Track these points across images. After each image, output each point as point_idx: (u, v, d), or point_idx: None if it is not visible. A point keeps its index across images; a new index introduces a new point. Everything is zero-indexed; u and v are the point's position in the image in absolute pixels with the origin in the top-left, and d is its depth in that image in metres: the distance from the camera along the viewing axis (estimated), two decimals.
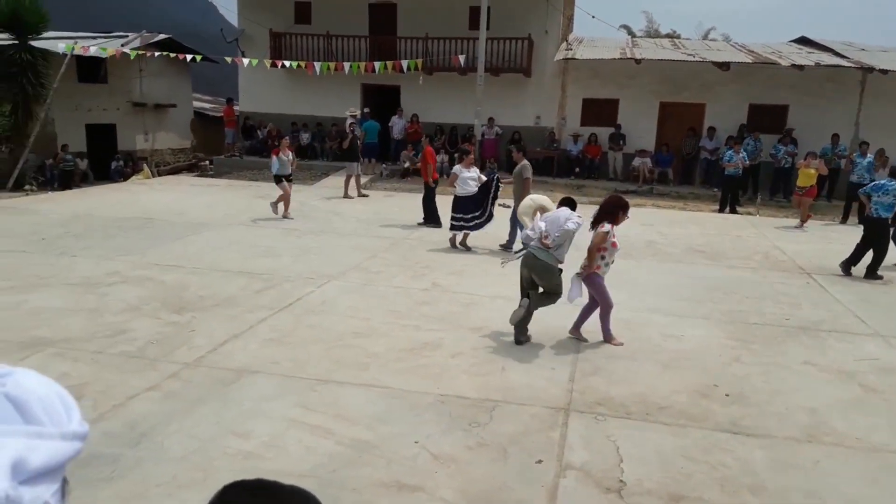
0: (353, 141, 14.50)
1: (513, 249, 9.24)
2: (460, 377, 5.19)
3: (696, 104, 18.28)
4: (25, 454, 0.68)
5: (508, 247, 9.76)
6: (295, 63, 17.88)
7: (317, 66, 17.22)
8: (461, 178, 9.80)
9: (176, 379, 4.97)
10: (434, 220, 11.45)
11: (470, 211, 9.71)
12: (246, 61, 17.94)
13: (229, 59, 18.45)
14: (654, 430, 4.42)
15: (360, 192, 14.87)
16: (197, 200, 13.88)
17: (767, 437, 4.39)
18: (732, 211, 14.78)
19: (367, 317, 6.55)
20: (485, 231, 9.85)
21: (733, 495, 3.70)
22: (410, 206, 12.79)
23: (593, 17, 41.24)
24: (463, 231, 9.81)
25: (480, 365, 5.45)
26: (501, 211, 10.19)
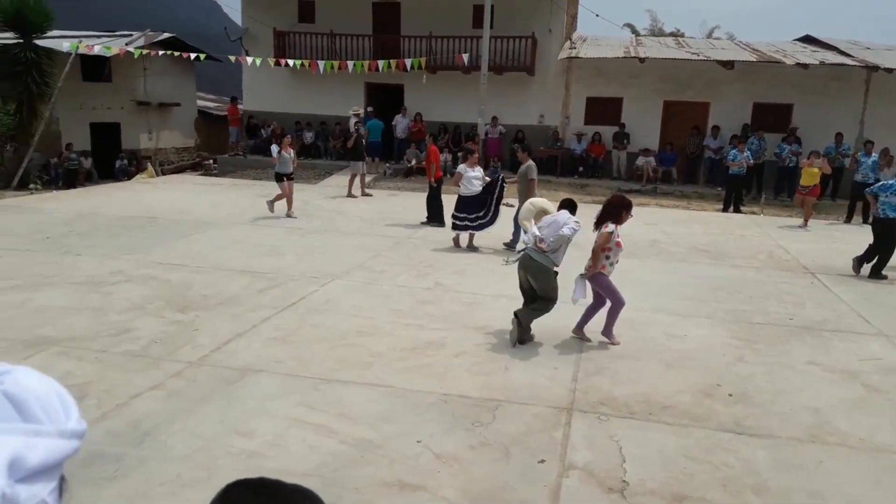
0: (357, 140, 14.48)
1: (516, 248, 9.23)
2: (463, 376, 5.19)
3: (700, 103, 18.24)
4: (23, 452, 0.69)
5: (512, 245, 9.75)
6: (298, 62, 17.90)
7: (320, 64, 17.24)
8: (466, 178, 9.77)
9: (179, 378, 4.98)
10: (438, 220, 11.45)
11: (473, 211, 9.69)
12: (250, 60, 17.97)
13: (233, 58, 18.45)
14: (657, 430, 4.41)
15: (363, 192, 14.87)
16: (201, 199, 13.90)
17: (770, 437, 4.39)
18: (736, 210, 14.75)
19: (371, 316, 6.55)
20: (488, 231, 9.85)
21: (736, 495, 3.69)
22: (414, 205, 12.80)
23: (597, 15, 41.08)
24: (468, 231, 9.81)
25: (483, 364, 5.46)
26: (505, 210, 10.19)
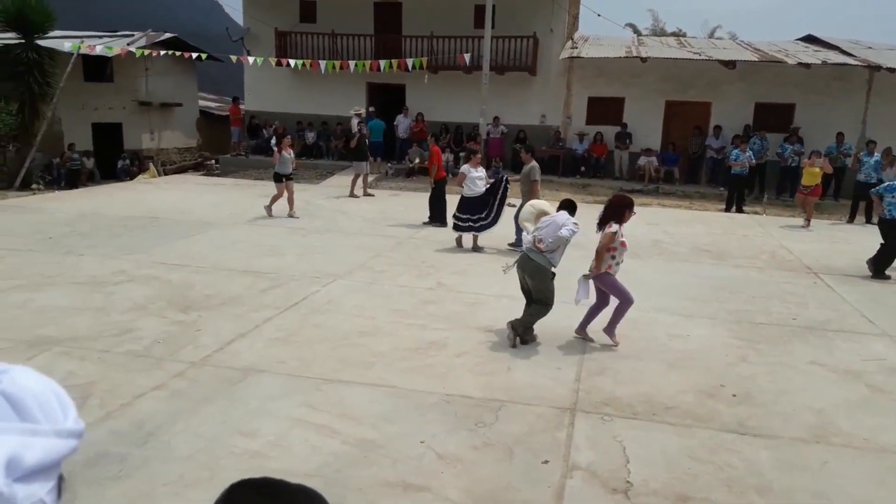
0: (361, 140, 14.47)
1: (523, 247, 9.22)
2: (465, 377, 5.19)
3: (702, 103, 18.22)
4: (20, 451, 0.68)
5: (518, 245, 9.74)
6: (300, 62, 17.90)
7: (322, 64, 17.25)
8: (469, 178, 9.75)
9: (182, 378, 4.98)
10: (440, 220, 11.43)
11: (476, 212, 9.68)
12: (251, 60, 17.99)
13: (235, 58, 18.47)
14: (660, 431, 4.41)
15: (365, 192, 14.87)
16: (202, 199, 13.91)
17: (774, 437, 4.38)
18: (739, 210, 14.73)
19: (373, 316, 6.55)
20: (490, 231, 9.83)
21: (740, 496, 3.69)
22: (416, 205, 12.79)
23: (599, 15, 41.17)
24: (470, 232, 9.79)
25: (486, 364, 5.45)
26: (507, 210, 10.18)
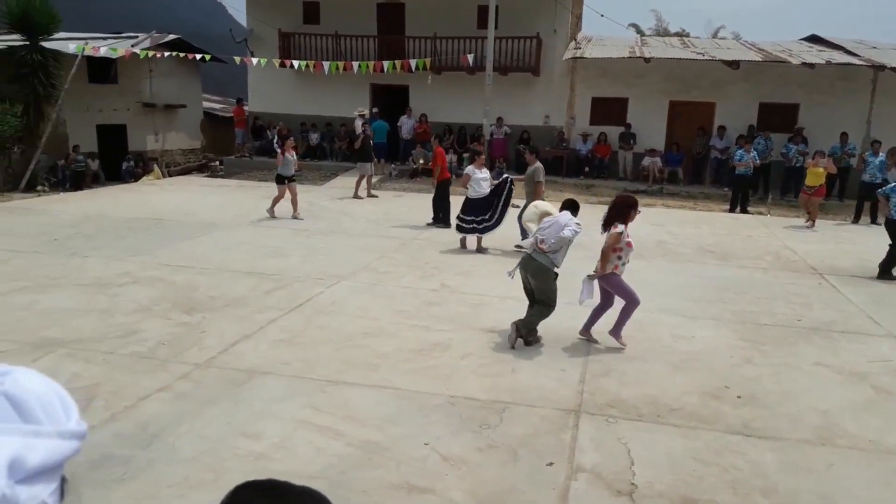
0: (365, 141, 14.47)
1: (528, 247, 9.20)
2: (470, 378, 5.18)
3: (706, 103, 18.17)
4: (23, 453, 0.69)
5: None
6: (304, 63, 17.92)
7: (325, 65, 17.26)
8: (474, 179, 9.74)
9: (187, 380, 4.99)
10: (444, 221, 11.43)
11: (480, 214, 9.67)
12: (255, 61, 18.02)
13: (238, 60, 18.50)
14: (665, 433, 4.40)
15: (369, 193, 14.88)
16: (207, 201, 13.94)
17: (779, 439, 4.37)
18: (743, 210, 14.69)
19: (377, 317, 6.55)
20: (494, 232, 9.82)
21: (745, 498, 3.68)
22: (419, 206, 12.79)
23: (602, 15, 41.10)
24: (474, 234, 9.78)
25: (490, 366, 5.45)
26: (511, 211, 10.17)
